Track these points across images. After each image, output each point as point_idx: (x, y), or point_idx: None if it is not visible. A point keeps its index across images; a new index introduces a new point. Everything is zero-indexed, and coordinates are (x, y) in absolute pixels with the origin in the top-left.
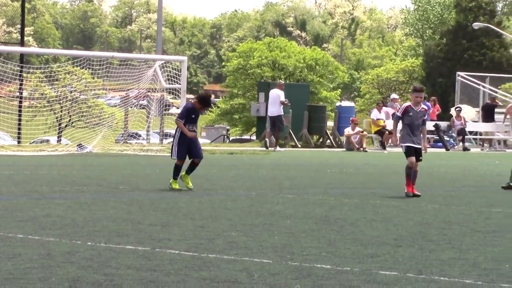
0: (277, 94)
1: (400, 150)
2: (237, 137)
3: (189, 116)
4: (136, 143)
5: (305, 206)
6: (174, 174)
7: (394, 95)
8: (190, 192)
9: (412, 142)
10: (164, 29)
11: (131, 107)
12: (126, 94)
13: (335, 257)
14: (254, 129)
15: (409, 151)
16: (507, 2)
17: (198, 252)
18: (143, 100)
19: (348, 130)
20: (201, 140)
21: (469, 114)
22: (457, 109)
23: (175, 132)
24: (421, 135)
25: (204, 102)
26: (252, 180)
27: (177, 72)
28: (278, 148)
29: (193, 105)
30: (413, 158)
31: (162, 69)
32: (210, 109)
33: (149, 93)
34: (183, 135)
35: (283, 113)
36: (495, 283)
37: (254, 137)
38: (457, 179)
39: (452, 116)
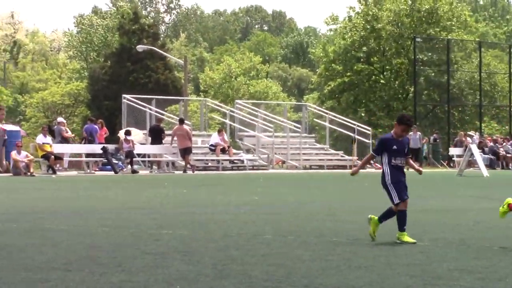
0: None
1: (68, 173)
2: None
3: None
4: None
5: None
6: (401, 224)
7: (60, 119)
8: None
9: None
10: None
11: None
12: None
13: (4, 284)
14: None
15: None
16: (170, 25)
17: None
18: None
19: (14, 154)
20: None
21: (137, 137)
22: (126, 132)
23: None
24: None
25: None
26: None
27: None
28: None
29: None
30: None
31: None
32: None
33: None
34: (393, 171)
35: None
36: None
37: None
38: (124, 201)
39: (121, 138)
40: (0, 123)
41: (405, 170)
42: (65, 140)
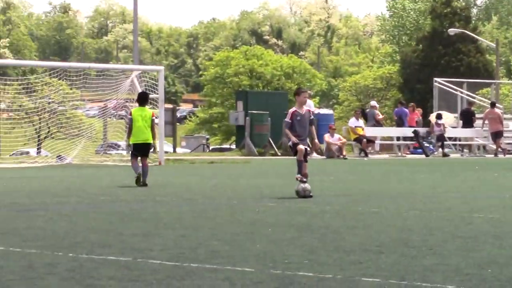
0: (307, 104)
1: (380, 157)
2: (217, 146)
3: None
4: (115, 153)
5: (286, 214)
6: None
7: (373, 102)
8: (170, 202)
9: None
10: (140, 39)
11: (110, 118)
12: (104, 104)
13: (318, 264)
14: (233, 138)
15: None
16: (482, 8)
17: (180, 262)
18: (121, 110)
19: (328, 136)
20: (180, 150)
21: (448, 120)
22: (437, 116)
23: None
24: None
25: None
26: (233, 189)
27: (154, 82)
28: (314, 155)
29: None
30: None
31: (140, 79)
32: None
33: (127, 103)
34: None
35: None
36: None
37: (233, 146)
38: (437, 185)
39: (432, 122)
40: (305, 105)
41: None
42: (378, 124)
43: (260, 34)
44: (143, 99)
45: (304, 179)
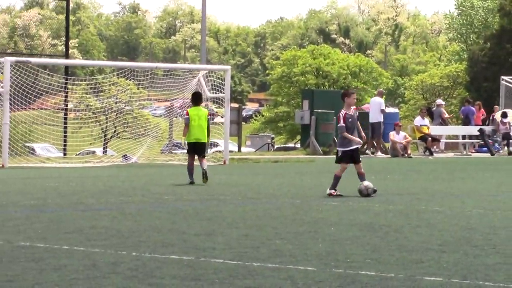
0: (378, 102)
1: (445, 155)
2: (282, 145)
3: None
4: (181, 153)
5: (349, 213)
6: None
7: (439, 101)
8: (234, 201)
9: None
10: (208, 38)
11: (176, 117)
12: (171, 104)
13: (380, 264)
14: (298, 137)
15: None
16: None
17: (243, 261)
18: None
19: (393, 134)
20: (245, 149)
21: None
22: (502, 114)
23: None
24: None
25: None
26: (297, 188)
27: (221, 82)
28: (379, 154)
29: None
30: None
31: (206, 79)
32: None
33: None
34: None
35: (382, 121)
36: None
37: (298, 145)
38: (502, 183)
39: (497, 120)
40: (352, 106)
41: None
42: (444, 122)
43: (328, 33)
44: (197, 98)
45: (336, 194)
